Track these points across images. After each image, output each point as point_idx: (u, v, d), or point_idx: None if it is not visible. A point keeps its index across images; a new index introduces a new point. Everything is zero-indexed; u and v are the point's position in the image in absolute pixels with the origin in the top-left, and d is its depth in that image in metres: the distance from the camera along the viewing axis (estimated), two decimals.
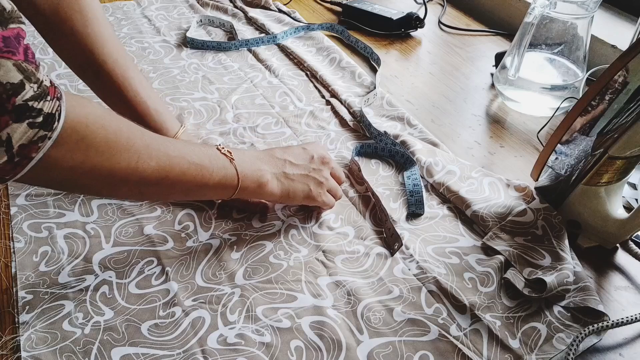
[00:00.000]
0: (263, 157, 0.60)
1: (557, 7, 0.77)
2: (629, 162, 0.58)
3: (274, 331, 0.52)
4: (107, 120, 0.46)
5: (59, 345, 0.50)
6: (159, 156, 0.49)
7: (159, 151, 0.49)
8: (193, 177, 0.52)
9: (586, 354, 0.51)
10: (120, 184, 0.48)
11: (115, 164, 0.46)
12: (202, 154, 0.53)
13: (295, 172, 0.61)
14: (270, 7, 1.15)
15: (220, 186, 0.55)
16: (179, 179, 0.51)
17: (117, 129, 0.46)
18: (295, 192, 0.61)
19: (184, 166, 0.51)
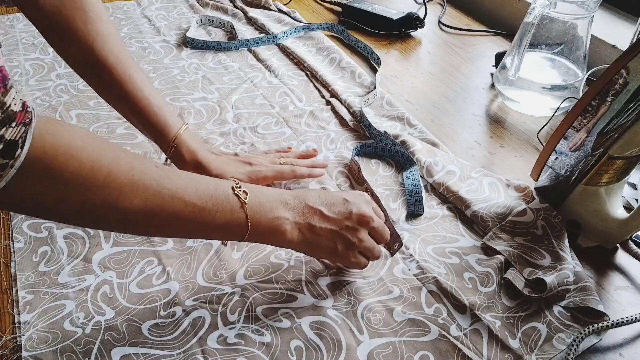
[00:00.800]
0: (291, 201, 0.53)
1: (557, 7, 0.77)
2: (629, 162, 0.58)
3: (274, 331, 0.52)
4: (86, 151, 0.42)
5: (59, 345, 0.50)
6: (147, 195, 0.45)
7: (148, 189, 0.45)
8: (188, 220, 0.47)
9: (586, 354, 0.51)
10: (97, 220, 0.45)
11: (89, 200, 0.42)
12: (206, 193, 0.48)
13: (324, 226, 0.53)
14: (270, 7, 1.15)
15: (225, 230, 0.50)
16: (171, 221, 0.47)
17: (95, 162, 0.42)
18: (319, 247, 0.54)
19: (178, 207, 0.46)
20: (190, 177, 0.49)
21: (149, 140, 0.75)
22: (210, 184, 0.50)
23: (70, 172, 0.41)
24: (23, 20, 1.05)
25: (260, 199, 0.51)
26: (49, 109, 0.81)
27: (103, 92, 0.64)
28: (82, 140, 0.42)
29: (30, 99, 0.83)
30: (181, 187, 0.47)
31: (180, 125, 0.65)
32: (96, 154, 0.43)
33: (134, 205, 0.44)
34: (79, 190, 0.42)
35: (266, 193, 0.52)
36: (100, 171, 0.42)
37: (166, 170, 0.48)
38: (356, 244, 0.55)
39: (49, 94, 0.85)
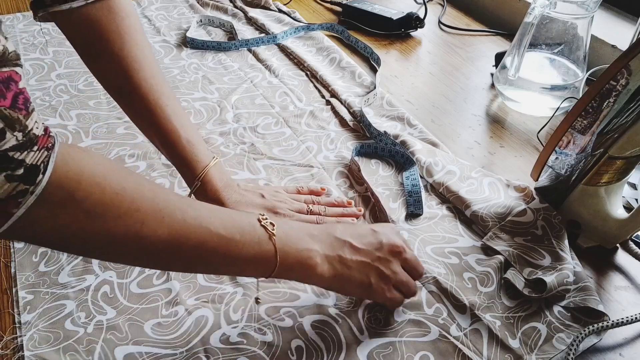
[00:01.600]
0: (318, 233, 0.50)
1: (557, 7, 0.77)
2: (629, 162, 0.58)
3: (276, 330, 0.52)
4: (108, 178, 0.40)
5: (62, 344, 0.50)
6: (171, 223, 0.42)
7: (173, 217, 0.43)
8: (215, 251, 0.45)
9: (586, 354, 0.52)
10: (119, 252, 0.43)
11: (111, 228, 0.40)
12: (232, 224, 0.46)
13: (355, 259, 0.50)
14: (270, 7, 1.15)
15: (253, 264, 0.47)
16: (196, 252, 0.44)
17: (118, 189, 0.40)
18: (350, 281, 0.51)
19: (204, 236, 0.44)
20: (215, 207, 0.47)
21: (148, 141, 0.75)
22: (235, 214, 0.48)
23: (93, 200, 0.39)
24: (23, 20, 1.05)
25: (288, 231, 0.49)
26: (49, 109, 0.81)
27: (134, 119, 0.62)
28: (105, 167, 0.41)
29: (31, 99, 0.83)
30: (206, 216, 0.45)
31: (208, 161, 0.61)
32: (119, 182, 0.41)
33: (159, 234, 0.42)
34: (101, 220, 0.40)
35: (292, 225, 0.51)
36: (124, 199, 0.41)
37: (189, 200, 0.46)
38: (390, 276, 0.52)
39: (49, 94, 0.85)
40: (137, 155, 0.73)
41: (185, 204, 0.45)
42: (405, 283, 0.53)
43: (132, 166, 0.71)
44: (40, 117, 0.38)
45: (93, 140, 0.75)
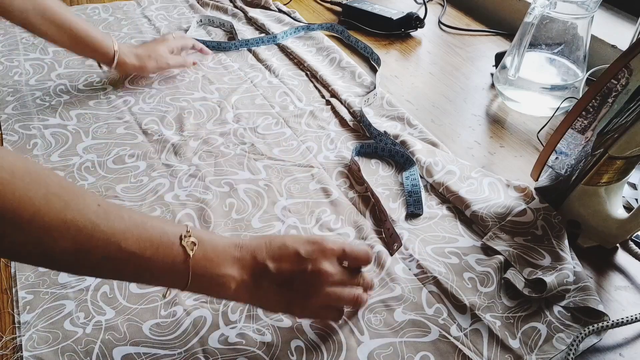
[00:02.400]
0: (241, 255, 0.48)
1: (557, 7, 0.77)
2: (629, 162, 0.58)
3: (275, 331, 0.52)
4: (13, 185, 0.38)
5: (60, 345, 0.50)
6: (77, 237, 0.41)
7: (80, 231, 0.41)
8: (124, 265, 0.44)
9: (586, 354, 0.51)
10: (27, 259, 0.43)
11: (10, 237, 0.39)
12: (147, 240, 0.44)
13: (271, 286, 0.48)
14: (270, 7, 1.15)
15: (162, 280, 0.47)
16: (103, 264, 0.43)
17: (22, 198, 0.39)
18: (268, 305, 0.51)
19: (111, 251, 0.42)
20: (135, 221, 0.44)
21: (149, 141, 0.75)
22: (154, 228, 0.45)
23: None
24: None
25: (209, 254, 0.47)
26: (49, 109, 0.81)
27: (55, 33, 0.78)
28: (12, 173, 0.39)
29: (30, 99, 0.83)
30: (120, 231, 0.43)
31: (110, 37, 0.83)
32: (25, 189, 0.39)
33: (61, 246, 0.41)
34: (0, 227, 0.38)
35: (216, 245, 0.48)
36: (26, 209, 0.39)
37: (108, 211, 0.43)
38: (311, 303, 0.50)
39: (49, 94, 0.84)
40: (137, 155, 0.73)
41: (101, 216, 0.42)
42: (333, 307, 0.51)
43: (132, 166, 0.71)
44: None
45: (93, 140, 0.75)
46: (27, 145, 0.73)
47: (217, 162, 0.72)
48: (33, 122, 0.78)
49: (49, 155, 0.72)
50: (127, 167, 0.71)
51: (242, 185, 0.69)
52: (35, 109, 0.81)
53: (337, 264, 0.50)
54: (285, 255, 0.49)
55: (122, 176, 0.70)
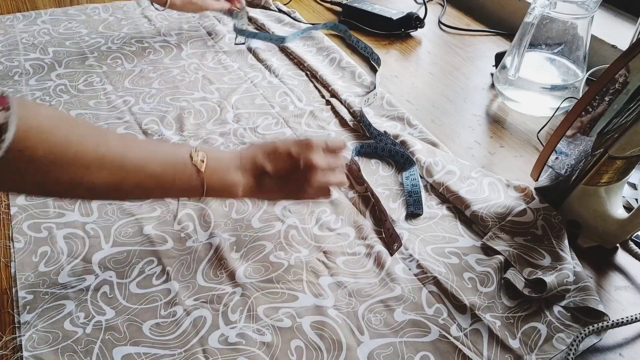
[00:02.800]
0: (242, 163, 0.56)
1: (557, 7, 0.77)
2: (629, 162, 0.58)
3: (275, 331, 0.52)
4: (54, 133, 0.45)
5: (60, 345, 0.50)
6: (112, 168, 0.48)
7: (113, 163, 0.48)
8: (150, 188, 0.52)
9: (586, 354, 0.51)
10: (64, 193, 0.50)
11: (57, 177, 0.46)
12: (167, 163, 0.52)
13: (272, 182, 0.57)
14: (270, 7, 1.15)
15: (183, 193, 0.56)
16: (133, 189, 0.51)
17: (63, 142, 0.45)
18: (271, 197, 0.62)
19: (140, 178, 0.50)
20: (151, 146, 0.54)
21: None
22: (169, 153, 0.53)
23: (41, 152, 0.44)
24: (23, 20, 1.05)
25: (216, 166, 0.55)
26: None
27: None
28: (51, 121, 0.45)
29: (30, 99, 0.83)
30: (142, 157, 0.51)
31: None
32: (64, 135, 0.45)
33: (100, 178, 0.48)
34: (48, 169, 0.45)
35: (222, 159, 0.56)
36: (69, 149, 0.45)
37: (128, 142, 0.52)
38: (306, 190, 0.58)
39: (49, 94, 0.85)
40: None
41: (126, 146, 0.50)
42: (322, 189, 0.59)
43: None
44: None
45: None
46: None
47: None
48: None
49: None
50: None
51: None
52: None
53: (322, 154, 0.58)
54: (280, 157, 0.57)
55: None
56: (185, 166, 0.53)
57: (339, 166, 0.60)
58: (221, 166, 0.55)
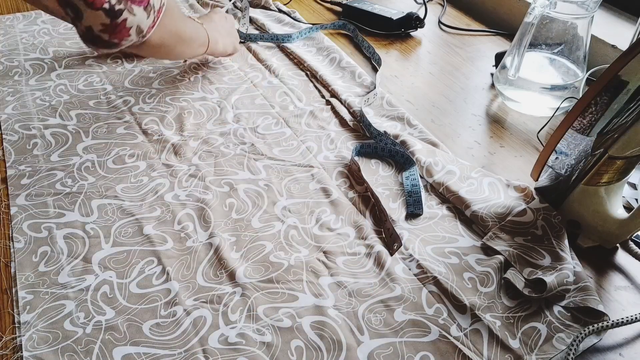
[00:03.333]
0: (210, 23, 0.86)
1: (557, 7, 0.77)
2: (629, 162, 0.58)
3: (275, 331, 0.52)
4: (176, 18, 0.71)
5: (60, 345, 0.50)
6: (187, 22, 0.76)
7: (186, 20, 0.76)
8: (197, 37, 0.80)
9: (586, 354, 0.51)
10: (183, 42, 0.76)
11: (180, 26, 0.73)
12: (194, 24, 0.80)
13: (223, 32, 0.89)
14: (270, 7, 1.15)
15: (203, 44, 0.82)
16: (193, 39, 0.79)
17: (180, 27, 0.73)
18: (227, 46, 0.90)
19: (194, 28, 0.79)
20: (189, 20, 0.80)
21: (149, 141, 0.75)
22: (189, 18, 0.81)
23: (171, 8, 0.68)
24: (23, 20, 1.05)
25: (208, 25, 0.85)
26: (49, 109, 0.81)
27: None
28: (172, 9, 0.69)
29: (30, 99, 0.83)
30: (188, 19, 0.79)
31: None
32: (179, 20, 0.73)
33: (188, 28, 0.76)
34: (177, 19, 0.72)
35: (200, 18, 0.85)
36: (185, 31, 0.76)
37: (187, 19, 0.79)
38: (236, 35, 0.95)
39: (49, 94, 0.85)
40: (137, 155, 0.73)
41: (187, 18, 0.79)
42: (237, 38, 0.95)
43: (132, 166, 0.71)
44: None
45: (93, 140, 0.75)
46: (27, 145, 0.73)
47: (217, 162, 0.72)
48: (33, 122, 0.78)
49: (49, 155, 0.72)
50: (127, 167, 0.71)
51: (242, 185, 0.69)
52: (35, 109, 0.81)
53: None
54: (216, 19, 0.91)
55: (122, 176, 0.70)
56: (196, 23, 0.81)
57: None
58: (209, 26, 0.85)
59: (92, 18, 0.58)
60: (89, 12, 0.58)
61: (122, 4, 0.58)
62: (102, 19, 0.58)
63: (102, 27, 0.59)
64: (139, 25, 0.61)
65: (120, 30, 0.60)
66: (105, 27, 0.59)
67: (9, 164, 0.70)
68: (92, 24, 0.59)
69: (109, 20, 0.58)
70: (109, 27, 0.59)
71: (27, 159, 0.71)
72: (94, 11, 0.57)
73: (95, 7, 0.57)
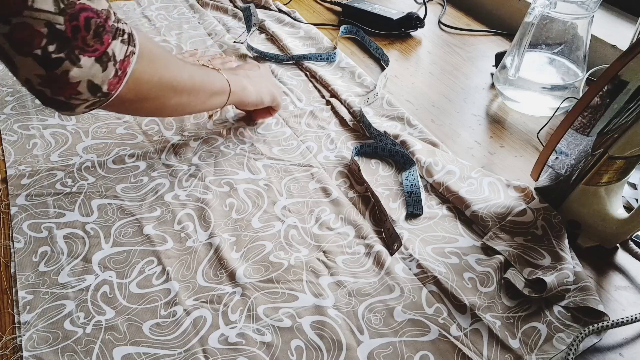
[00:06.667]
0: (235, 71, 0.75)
1: (557, 7, 0.77)
2: (629, 162, 0.58)
3: (275, 331, 0.52)
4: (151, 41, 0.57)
5: (60, 345, 0.50)
6: (187, 68, 0.62)
7: (184, 65, 0.62)
8: (207, 85, 0.65)
9: (586, 354, 0.51)
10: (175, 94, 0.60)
11: (170, 73, 0.58)
12: (202, 69, 0.67)
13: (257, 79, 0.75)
14: (270, 7, 1.15)
15: (221, 92, 0.68)
16: (201, 86, 0.64)
17: (159, 47, 0.59)
18: (264, 94, 0.75)
19: (201, 76, 0.65)
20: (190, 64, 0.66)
21: (149, 141, 0.75)
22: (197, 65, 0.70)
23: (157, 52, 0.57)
24: None
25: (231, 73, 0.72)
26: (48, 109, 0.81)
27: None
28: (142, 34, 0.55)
29: (29, 99, 0.83)
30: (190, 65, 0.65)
31: None
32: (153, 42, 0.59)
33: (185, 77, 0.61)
34: (164, 67, 0.58)
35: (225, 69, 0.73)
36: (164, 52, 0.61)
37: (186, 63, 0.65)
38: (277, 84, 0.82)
39: None
40: (137, 155, 0.73)
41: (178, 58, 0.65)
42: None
43: (132, 166, 0.71)
44: None
45: (93, 140, 0.75)
46: (27, 145, 0.73)
47: (217, 162, 0.72)
48: (32, 122, 0.78)
49: (49, 155, 0.72)
50: (127, 167, 0.71)
51: (242, 185, 0.69)
52: (34, 109, 0.81)
53: None
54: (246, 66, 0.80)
55: (122, 176, 0.70)
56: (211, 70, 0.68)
57: None
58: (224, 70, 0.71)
59: (25, 67, 0.46)
60: (18, 58, 0.45)
61: (62, 51, 0.45)
62: (35, 69, 0.45)
63: (39, 80, 0.46)
64: (91, 80, 0.48)
65: (64, 86, 0.47)
66: (43, 80, 0.46)
67: (9, 164, 0.70)
68: (27, 75, 0.46)
69: (44, 71, 0.46)
70: (47, 80, 0.46)
71: (27, 159, 0.71)
72: (23, 58, 0.45)
73: (24, 52, 0.45)
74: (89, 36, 0.46)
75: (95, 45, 0.47)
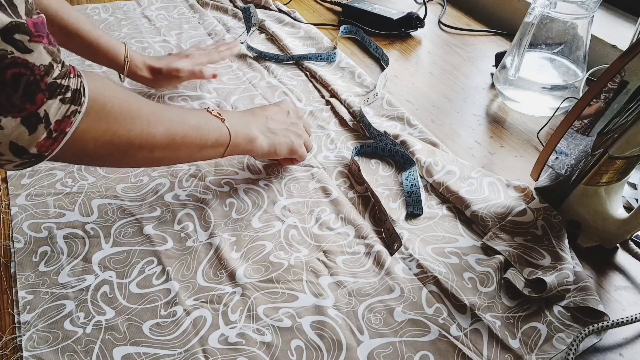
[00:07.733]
0: (247, 116, 0.66)
1: (557, 7, 0.77)
2: (629, 162, 0.58)
3: (275, 331, 0.52)
4: (118, 92, 0.51)
5: (60, 345, 0.50)
6: (164, 121, 0.54)
7: (163, 116, 0.55)
8: (194, 139, 0.58)
9: (586, 354, 0.51)
10: (137, 151, 0.53)
11: (131, 131, 0.51)
12: (197, 117, 0.59)
13: (277, 127, 0.67)
14: (270, 7, 1.15)
15: (217, 145, 0.60)
16: (183, 141, 0.56)
17: (127, 99, 0.51)
18: (280, 145, 0.67)
19: (185, 129, 0.56)
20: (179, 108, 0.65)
21: None
22: (193, 110, 0.63)
23: (116, 108, 0.50)
24: None
25: (230, 116, 0.63)
26: None
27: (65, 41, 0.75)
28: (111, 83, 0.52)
29: None
30: (180, 113, 0.58)
31: (123, 46, 0.79)
32: (124, 93, 0.52)
33: (160, 132, 0.54)
34: (123, 124, 0.50)
35: (230, 112, 0.67)
36: (132, 104, 0.52)
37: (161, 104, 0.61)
38: (302, 135, 0.69)
39: None
40: None
41: (163, 106, 0.60)
42: (307, 141, 0.71)
43: None
44: None
45: None
46: None
47: (217, 162, 0.72)
48: None
49: None
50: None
51: (242, 185, 0.69)
52: None
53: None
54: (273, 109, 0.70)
55: (122, 176, 0.70)
56: (210, 119, 0.60)
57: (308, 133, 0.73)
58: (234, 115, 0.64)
59: None
60: None
61: None
62: None
63: None
64: (14, 143, 0.42)
65: None
66: None
67: None
68: None
69: None
70: None
71: None
72: None
73: None
74: (17, 95, 0.41)
75: (24, 105, 0.41)
